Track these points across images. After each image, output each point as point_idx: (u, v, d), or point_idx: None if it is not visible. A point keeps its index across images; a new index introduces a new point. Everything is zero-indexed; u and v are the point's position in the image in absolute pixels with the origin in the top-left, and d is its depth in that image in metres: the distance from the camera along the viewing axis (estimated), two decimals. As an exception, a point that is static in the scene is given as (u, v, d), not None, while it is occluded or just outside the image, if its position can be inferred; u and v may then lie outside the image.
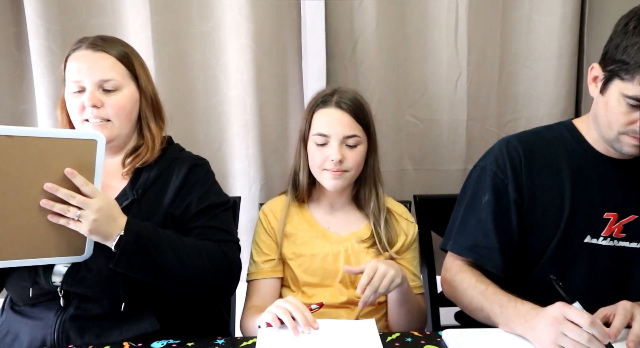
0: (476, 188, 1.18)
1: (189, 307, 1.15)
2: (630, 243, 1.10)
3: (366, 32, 1.57)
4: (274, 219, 1.31)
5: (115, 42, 1.14)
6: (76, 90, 1.10)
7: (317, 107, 1.25)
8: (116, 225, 0.97)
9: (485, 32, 1.60)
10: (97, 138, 0.94)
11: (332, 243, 1.27)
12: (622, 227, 1.10)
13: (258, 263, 1.28)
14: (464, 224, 1.17)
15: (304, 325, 0.98)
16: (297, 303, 1.01)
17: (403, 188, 1.68)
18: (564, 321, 0.85)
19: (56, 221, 0.93)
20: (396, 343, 0.97)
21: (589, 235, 1.10)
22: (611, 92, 1.01)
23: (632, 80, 0.96)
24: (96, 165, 0.95)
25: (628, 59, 0.95)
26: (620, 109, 1.00)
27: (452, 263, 1.16)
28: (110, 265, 0.97)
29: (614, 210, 1.09)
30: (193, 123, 1.59)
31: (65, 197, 0.92)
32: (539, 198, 1.12)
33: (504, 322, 0.98)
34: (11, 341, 1.06)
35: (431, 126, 1.66)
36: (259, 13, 1.51)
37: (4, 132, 0.88)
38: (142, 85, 1.15)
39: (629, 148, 1.03)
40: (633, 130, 1.00)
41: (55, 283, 1.04)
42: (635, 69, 0.94)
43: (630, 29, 0.96)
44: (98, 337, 1.04)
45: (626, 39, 0.96)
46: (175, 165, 1.16)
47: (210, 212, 1.14)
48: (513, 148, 1.16)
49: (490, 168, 1.16)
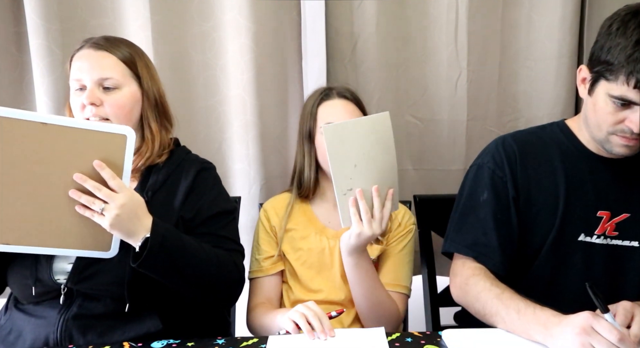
0: (474, 186, 1.18)
1: (191, 308, 1.15)
2: (623, 241, 1.10)
3: (366, 32, 1.57)
4: (274, 216, 1.32)
5: (120, 43, 1.15)
6: (78, 88, 1.10)
7: (321, 101, 1.29)
8: (140, 224, 0.97)
9: (485, 32, 1.60)
10: (128, 133, 0.96)
11: (328, 238, 1.29)
12: (614, 225, 1.10)
13: (259, 261, 1.29)
14: (463, 222, 1.16)
15: (319, 331, 0.99)
16: (316, 310, 1.02)
17: (403, 188, 1.67)
18: (592, 332, 0.83)
19: (82, 212, 0.95)
20: (396, 344, 0.97)
21: (583, 234, 1.11)
22: (598, 93, 1.02)
23: (616, 80, 0.97)
24: (125, 160, 0.96)
25: (612, 59, 0.96)
26: (608, 109, 1.01)
27: (462, 267, 1.13)
28: (133, 264, 0.98)
29: (607, 209, 1.10)
30: (193, 123, 1.59)
31: (93, 189, 0.93)
32: (533, 196, 1.13)
33: (521, 329, 0.95)
34: (14, 339, 1.07)
35: (431, 126, 1.66)
36: (259, 13, 1.51)
37: (38, 118, 0.91)
38: (145, 86, 1.15)
39: (618, 148, 1.04)
40: (621, 130, 1.01)
41: (59, 281, 1.04)
42: (618, 69, 0.95)
43: (613, 30, 0.98)
44: (101, 336, 1.04)
45: (609, 40, 0.98)
46: (183, 168, 1.17)
47: (221, 219, 1.16)
48: (509, 146, 1.16)
49: (487, 166, 1.16)
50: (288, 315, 1.04)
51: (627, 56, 0.94)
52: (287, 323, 1.03)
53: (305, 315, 1.01)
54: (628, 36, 0.95)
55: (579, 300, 0.95)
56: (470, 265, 1.11)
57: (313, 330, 1.00)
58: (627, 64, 0.94)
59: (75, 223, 0.96)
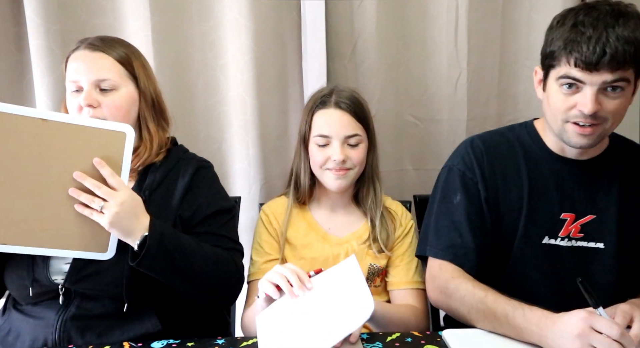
0: (446, 189, 1.18)
1: (191, 308, 1.15)
2: (589, 243, 1.11)
3: (366, 32, 1.57)
4: (275, 221, 1.30)
5: (115, 43, 1.14)
6: (74, 89, 1.10)
7: (317, 108, 1.24)
8: (138, 223, 0.97)
9: (485, 32, 1.60)
10: (127, 131, 0.96)
11: (332, 246, 1.27)
12: (579, 227, 1.11)
13: (258, 264, 1.27)
14: (438, 226, 1.16)
15: (298, 287, 0.97)
16: (293, 267, 1.01)
17: (403, 188, 1.68)
18: (592, 333, 0.83)
19: (81, 211, 0.94)
20: (396, 343, 0.97)
21: (547, 236, 1.11)
22: (550, 84, 1.06)
23: (560, 63, 1.01)
24: (124, 158, 0.96)
25: (554, 47, 1.02)
26: (559, 96, 1.03)
27: (439, 270, 1.11)
28: (131, 263, 0.98)
29: (571, 211, 1.11)
30: (193, 123, 1.59)
31: (92, 186, 0.93)
32: (501, 198, 1.14)
33: (514, 333, 0.94)
34: (13, 340, 1.07)
35: (431, 126, 1.66)
36: (259, 13, 1.51)
37: (38, 114, 0.91)
38: (142, 86, 1.14)
39: (575, 139, 1.04)
40: (575, 115, 1.02)
41: (57, 281, 1.04)
42: (560, 53, 1.00)
43: (553, 25, 1.04)
44: (99, 336, 1.04)
45: (551, 34, 1.04)
46: (181, 167, 1.17)
47: (220, 218, 1.16)
48: (477, 147, 1.18)
49: (457, 168, 1.17)
50: (266, 277, 1.01)
51: (565, 39, 0.99)
52: (266, 285, 1.00)
53: (284, 275, 0.99)
54: (565, 24, 1.00)
55: (549, 301, 0.96)
56: (448, 267, 1.11)
57: None
58: (565, 46, 0.99)
59: (73, 223, 0.96)
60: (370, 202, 1.29)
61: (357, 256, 1.24)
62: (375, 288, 1.28)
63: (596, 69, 0.96)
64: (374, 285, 1.27)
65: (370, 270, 1.26)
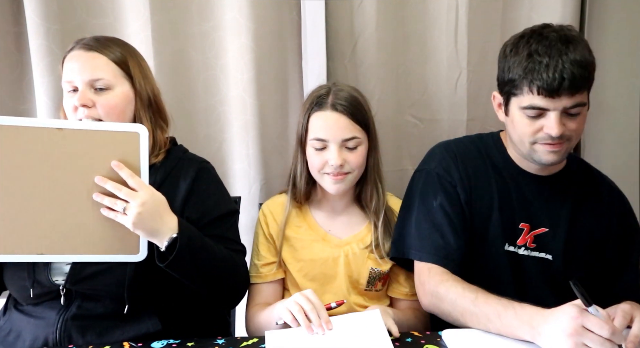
0: (424, 192, 1.20)
1: (191, 308, 1.15)
2: (540, 253, 1.16)
3: (366, 32, 1.57)
4: (273, 222, 1.29)
5: (111, 42, 1.14)
6: (70, 90, 1.10)
7: (313, 110, 1.20)
8: (163, 223, 0.98)
9: (485, 32, 1.60)
10: (139, 130, 0.96)
11: (332, 247, 1.26)
12: (533, 237, 1.16)
13: (258, 267, 1.27)
14: (419, 229, 1.17)
15: (317, 326, 0.98)
16: (315, 301, 1.01)
17: (403, 188, 1.66)
18: (584, 331, 0.84)
19: (107, 215, 0.95)
20: (396, 343, 0.97)
21: (507, 243, 1.15)
22: (512, 110, 1.10)
23: (522, 92, 1.05)
24: (140, 158, 0.96)
25: (513, 76, 1.06)
26: (524, 122, 1.07)
27: (428, 274, 1.12)
28: (160, 264, 0.98)
29: (527, 221, 1.16)
30: (193, 123, 1.59)
31: (113, 189, 0.94)
32: (474, 202, 1.17)
33: (507, 331, 0.95)
34: (14, 340, 1.07)
35: (431, 126, 1.66)
36: (259, 13, 1.51)
37: (53, 124, 0.92)
38: (137, 86, 1.14)
39: (546, 156, 1.09)
40: (542, 138, 1.06)
41: (58, 282, 1.04)
42: (520, 82, 1.05)
43: (507, 52, 1.09)
44: (100, 336, 1.04)
45: (507, 61, 1.09)
46: (182, 167, 1.17)
47: (226, 220, 1.17)
48: (452, 152, 1.21)
49: (436, 171, 1.20)
50: (286, 305, 1.02)
51: (524, 68, 1.03)
52: (284, 313, 1.01)
53: (304, 309, 1.00)
54: (520, 53, 1.05)
55: None
56: (437, 270, 1.11)
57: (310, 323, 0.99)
58: (525, 75, 1.03)
59: (101, 228, 0.96)
60: (374, 204, 1.27)
61: (357, 258, 1.24)
62: (376, 292, 1.27)
63: (557, 95, 1.01)
64: (375, 289, 1.26)
65: (371, 275, 1.25)
